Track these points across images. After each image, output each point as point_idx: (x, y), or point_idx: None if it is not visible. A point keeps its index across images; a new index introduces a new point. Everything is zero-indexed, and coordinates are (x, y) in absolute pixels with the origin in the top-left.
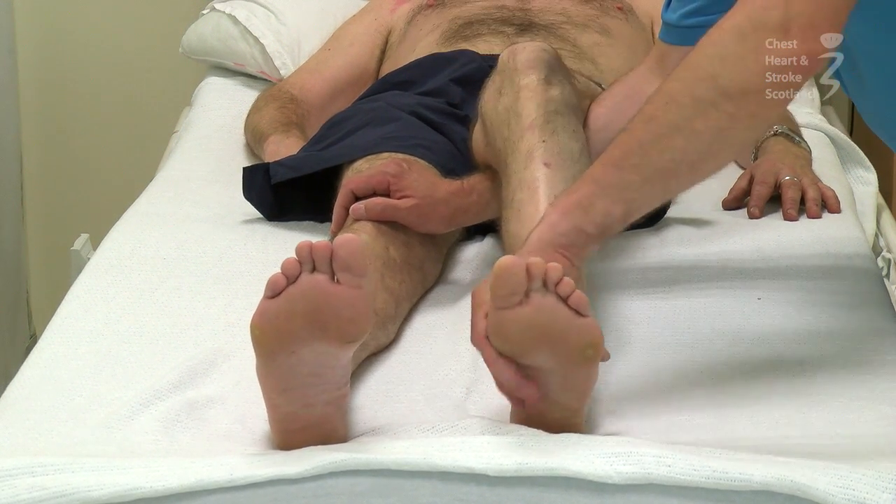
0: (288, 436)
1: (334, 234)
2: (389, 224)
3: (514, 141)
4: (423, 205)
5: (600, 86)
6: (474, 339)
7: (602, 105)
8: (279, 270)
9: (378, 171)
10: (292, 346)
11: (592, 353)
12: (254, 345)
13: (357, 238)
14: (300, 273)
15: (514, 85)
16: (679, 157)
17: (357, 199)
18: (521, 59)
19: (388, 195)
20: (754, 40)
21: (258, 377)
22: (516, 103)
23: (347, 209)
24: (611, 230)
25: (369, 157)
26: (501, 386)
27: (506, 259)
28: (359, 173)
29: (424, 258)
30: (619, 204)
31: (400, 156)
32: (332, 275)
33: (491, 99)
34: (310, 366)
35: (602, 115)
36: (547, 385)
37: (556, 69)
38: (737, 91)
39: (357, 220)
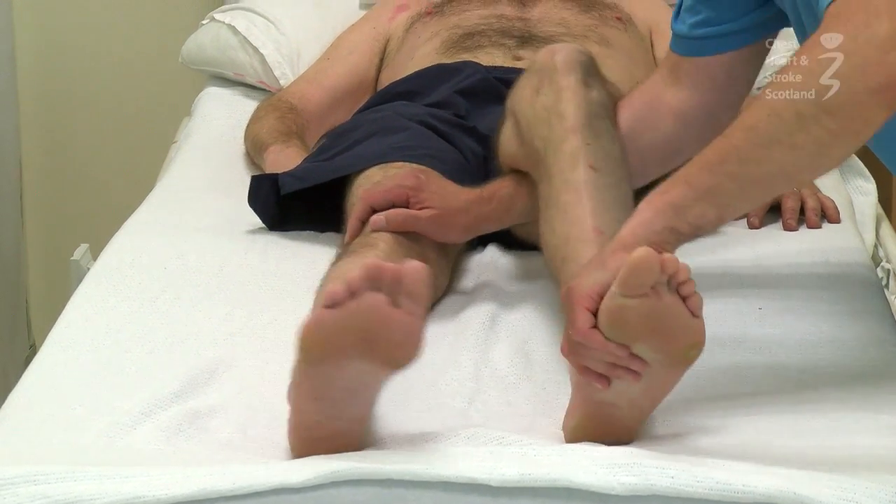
0: (307, 444)
1: (347, 245)
2: (407, 236)
3: (557, 141)
4: (443, 215)
5: None
6: (578, 334)
7: (622, 114)
8: (342, 283)
9: (396, 185)
10: (339, 359)
11: (695, 353)
12: (300, 350)
13: (425, 266)
14: (363, 290)
15: (555, 84)
16: (776, 170)
17: (374, 212)
18: (560, 58)
19: (406, 207)
20: (860, 57)
21: (293, 381)
22: (558, 104)
23: (364, 222)
24: (703, 231)
25: (382, 165)
26: (608, 367)
27: (644, 250)
28: (376, 185)
29: (438, 272)
30: (712, 208)
31: (412, 166)
32: (393, 298)
33: (527, 97)
34: (348, 381)
35: (624, 124)
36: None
37: (592, 72)
38: (843, 112)
39: (375, 230)
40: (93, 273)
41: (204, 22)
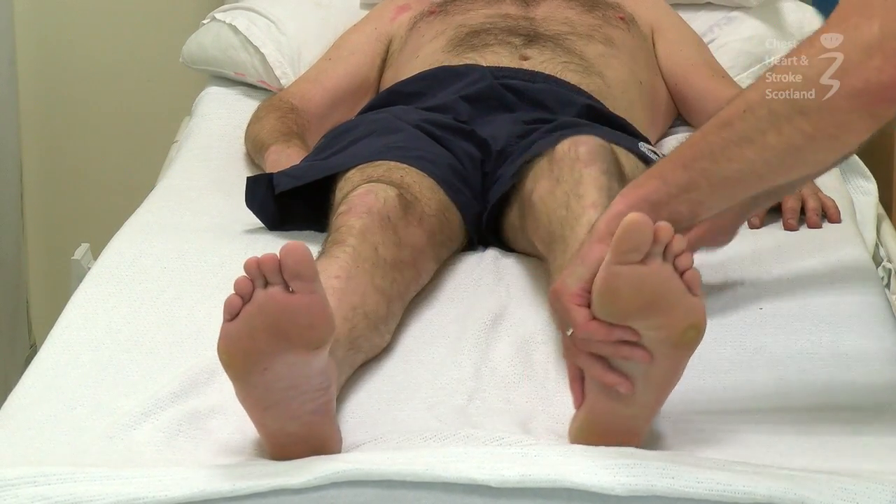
0: (282, 450)
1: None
2: (379, 224)
3: (574, 218)
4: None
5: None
6: (580, 330)
7: None
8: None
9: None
10: (262, 363)
11: (693, 335)
12: (225, 370)
13: (301, 244)
14: (254, 290)
15: (576, 173)
16: (747, 169)
17: None
18: (583, 150)
19: None
20: (842, 63)
21: (239, 400)
22: (578, 187)
23: None
24: (678, 226)
25: (362, 165)
26: (609, 350)
27: (635, 214)
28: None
29: (418, 255)
30: (685, 204)
31: (404, 166)
32: (285, 285)
33: (546, 187)
34: (285, 379)
35: None
36: (631, 369)
37: (612, 163)
38: (813, 109)
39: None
40: (93, 273)
41: (205, 21)
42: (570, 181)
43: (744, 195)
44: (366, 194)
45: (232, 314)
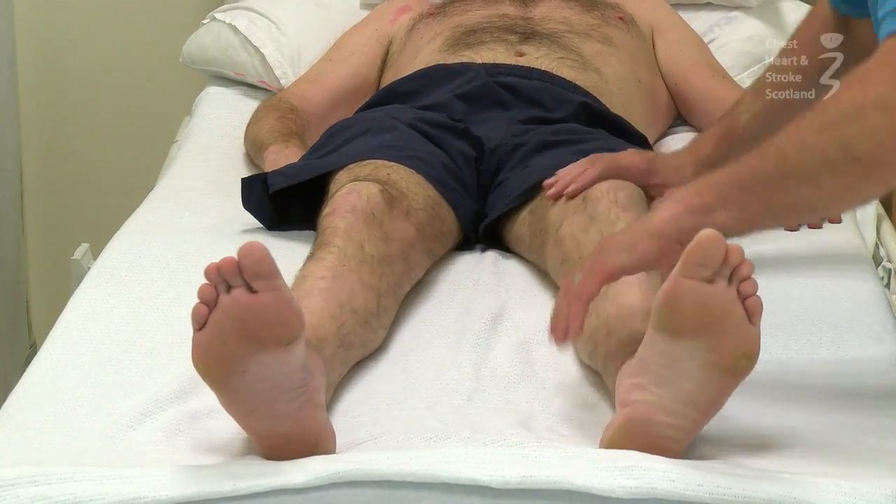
0: (276, 452)
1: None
2: (363, 221)
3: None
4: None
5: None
6: (571, 294)
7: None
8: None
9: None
10: (238, 366)
11: (745, 364)
12: (204, 379)
13: (258, 244)
14: (218, 295)
15: (612, 214)
16: (802, 203)
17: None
18: (622, 196)
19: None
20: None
21: (224, 408)
22: (612, 228)
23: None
24: (726, 236)
25: (350, 166)
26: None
27: (711, 231)
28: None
29: (407, 249)
30: (738, 223)
31: (391, 164)
32: (248, 286)
33: (579, 224)
34: (265, 379)
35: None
36: (679, 386)
37: (645, 210)
38: (870, 161)
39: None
40: (92, 274)
41: (205, 21)
42: (606, 222)
43: (795, 222)
44: (348, 193)
45: (200, 323)
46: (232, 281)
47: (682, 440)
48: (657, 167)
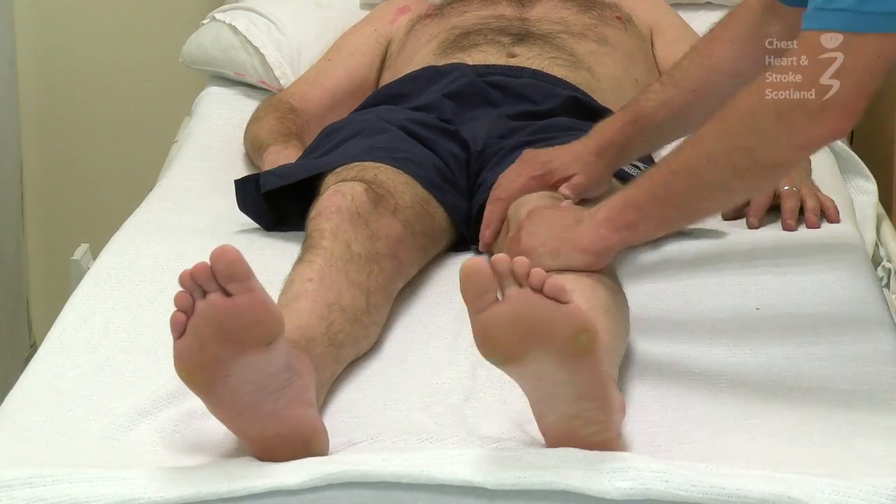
0: (269, 454)
1: (487, 251)
2: (349, 221)
3: None
4: (588, 175)
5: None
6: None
7: (724, 45)
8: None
9: (528, 179)
10: (221, 370)
11: (585, 339)
12: (188, 387)
13: (230, 247)
14: (194, 301)
15: None
16: (716, 205)
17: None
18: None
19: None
20: (789, 121)
21: (213, 414)
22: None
23: (502, 222)
24: (649, 240)
25: (338, 169)
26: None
27: (469, 261)
28: (510, 184)
29: (396, 245)
30: (659, 229)
31: (378, 165)
32: (222, 290)
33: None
34: (249, 382)
35: (729, 58)
36: (556, 394)
37: None
38: (772, 164)
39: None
40: (91, 274)
41: (204, 22)
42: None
43: (710, 217)
44: (333, 195)
45: (179, 331)
46: (206, 286)
47: (607, 426)
48: (553, 167)
